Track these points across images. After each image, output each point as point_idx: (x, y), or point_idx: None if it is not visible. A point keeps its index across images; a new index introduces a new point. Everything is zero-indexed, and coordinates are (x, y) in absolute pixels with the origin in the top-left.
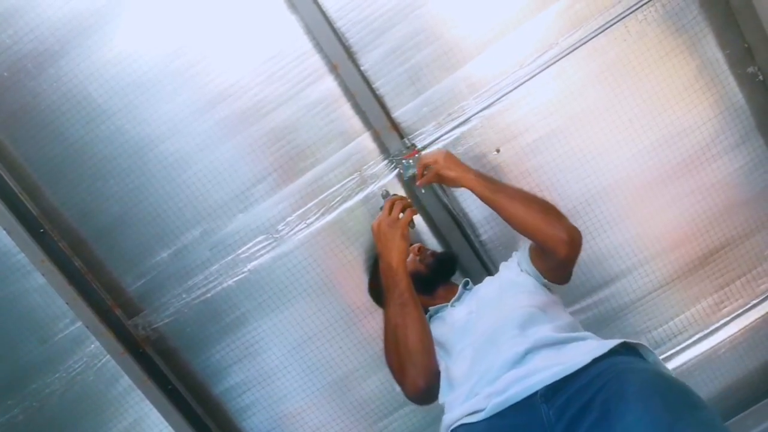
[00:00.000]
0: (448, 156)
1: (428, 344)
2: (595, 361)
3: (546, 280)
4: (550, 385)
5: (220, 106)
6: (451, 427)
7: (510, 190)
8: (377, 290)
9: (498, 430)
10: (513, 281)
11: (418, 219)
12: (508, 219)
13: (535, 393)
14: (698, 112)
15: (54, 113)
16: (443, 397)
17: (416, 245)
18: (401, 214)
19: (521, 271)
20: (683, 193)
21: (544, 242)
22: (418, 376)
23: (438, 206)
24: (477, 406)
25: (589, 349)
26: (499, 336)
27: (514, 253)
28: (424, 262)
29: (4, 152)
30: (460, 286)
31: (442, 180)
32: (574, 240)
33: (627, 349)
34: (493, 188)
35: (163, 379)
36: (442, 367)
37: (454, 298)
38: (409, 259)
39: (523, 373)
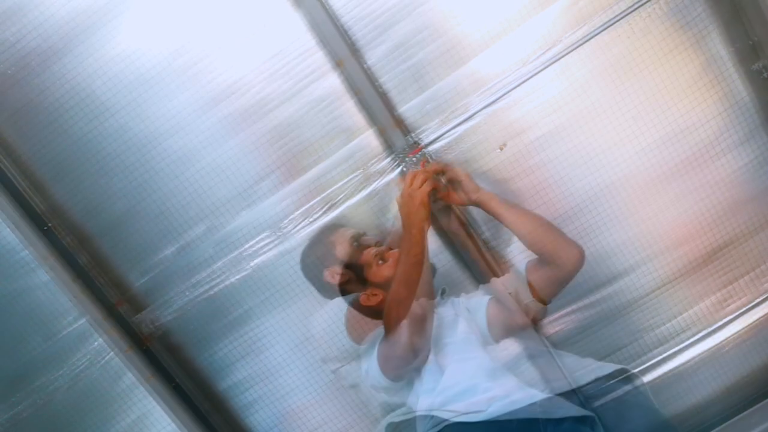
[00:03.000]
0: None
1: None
2: (596, 380)
3: (531, 299)
4: (550, 396)
5: (224, 103)
6: (448, 422)
7: (523, 208)
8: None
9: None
10: (497, 298)
11: None
12: (524, 231)
13: (534, 403)
14: (703, 109)
15: (58, 110)
16: (429, 381)
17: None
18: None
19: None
20: (688, 190)
21: (558, 253)
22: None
23: (438, 204)
24: (477, 407)
25: (590, 367)
26: (487, 339)
27: (493, 279)
28: None
29: (10, 149)
30: (438, 294)
31: (462, 187)
32: (583, 257)
33: (622, 374)
34: (509, 204)
35: (167, 375)
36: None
37: (435, 301)
38: (390, 263)
39: (524, 381)
